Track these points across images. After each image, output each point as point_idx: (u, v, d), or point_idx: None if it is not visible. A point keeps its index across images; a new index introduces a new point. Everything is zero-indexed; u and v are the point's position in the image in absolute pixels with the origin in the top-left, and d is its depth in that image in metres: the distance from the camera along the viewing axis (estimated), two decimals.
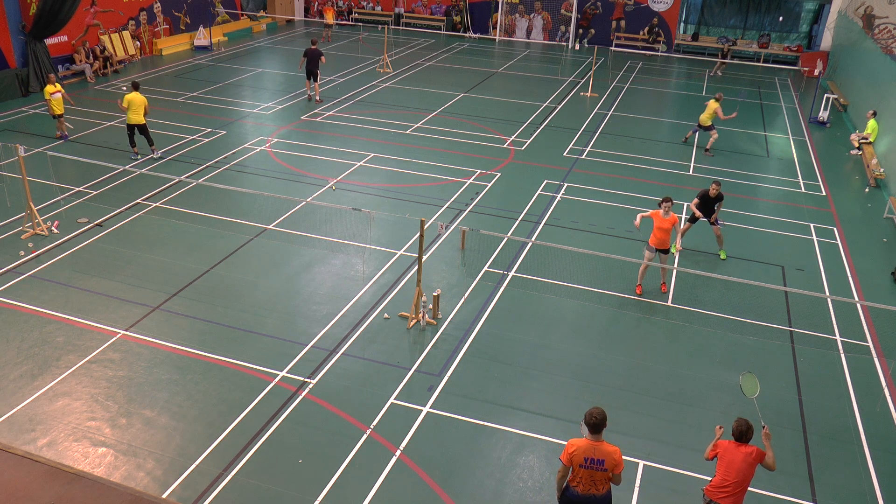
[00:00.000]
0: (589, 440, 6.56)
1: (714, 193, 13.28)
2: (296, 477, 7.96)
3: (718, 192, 13.31)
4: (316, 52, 21.65)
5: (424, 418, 8.95)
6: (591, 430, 6.53)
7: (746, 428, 6.87)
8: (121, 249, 12.61)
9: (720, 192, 13.36)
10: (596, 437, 6.55)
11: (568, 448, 6.60)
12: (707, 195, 13.32)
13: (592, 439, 6.55)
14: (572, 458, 6.56)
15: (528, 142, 19.58)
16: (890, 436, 9.15)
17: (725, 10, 33.15)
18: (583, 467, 6.56)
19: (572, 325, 11.15)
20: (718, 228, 13.40)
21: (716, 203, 13.38)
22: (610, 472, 6.59)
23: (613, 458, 6.55)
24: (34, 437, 8.37)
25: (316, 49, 21.69)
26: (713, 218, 13.40)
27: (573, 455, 6.55)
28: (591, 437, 6.56)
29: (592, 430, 6.53)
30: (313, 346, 10.23)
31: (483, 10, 35.44)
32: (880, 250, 14.24)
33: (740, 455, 6.85)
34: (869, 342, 11.13)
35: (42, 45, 21.71)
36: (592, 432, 6.54)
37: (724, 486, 6.89)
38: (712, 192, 13.26)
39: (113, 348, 9.97)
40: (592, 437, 6.55)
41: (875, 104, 20.39)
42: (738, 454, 6.86)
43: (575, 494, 6.68)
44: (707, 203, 13.38)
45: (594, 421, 6.50)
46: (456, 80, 26.26)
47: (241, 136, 18.79)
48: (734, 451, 6.90)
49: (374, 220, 13.79)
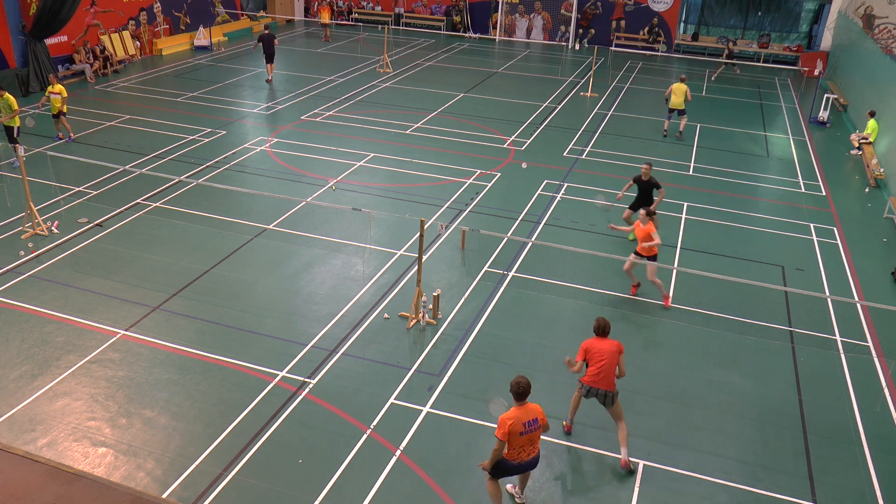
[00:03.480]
0: (517, 408, 6.96)
1: (645, 176, 13.23)
2: (296, 477, 7.96)
3: (650, 175, 13.22)
4: (269, 37, 23.96)
5: (424, 418, 8.95)
6: (519, 398, 6.95)
7: (605, 322, 8.25)
8: (121, 249, 12.61)
9: (653, 178, 13.25)
10: (521, 403, 6.97)
11: (503, 425, 6.85)
12: (640, 178, 13.34)
13: (520, 405, 6.97)
14: (511, 430, 6.83)
15: (528, 142, 19.58)
16: (890, 436, 9.15)
17: (725, 10, 33.15)
18: (523, 434, 6.93)
19: (572, 325, 11.15)
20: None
21: (654, 189, 13.26)
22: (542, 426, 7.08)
23: (540, 411, 7.05)
24: (34, 437, 8.37)
25: (269, 34, 24.02)
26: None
27: (512, 427, 6.82)
28: (518, 405, 6.98)
29: (520, 398, 6.95)
30: (313, 346, 10.23)
31: (483, 10, 35.44)
32: (880, 250, 14.24)
33: (606, 345, 8.17)
34: (869, 342, 11.13)
35: (42, 45, 21.73)
36: (519, 400, 6.96)
37: (599, 372, 8.10)
38: (644, 175, 13.24)
39: (113, 348, 9.97)
40: (519, 403, 6.97)
41: (875, 104, 20.39)
42: (605, 344, 8.17)
43: (516, 464, 7.08)
44: (642, 189, 13.35)
45: (521, 390, 6.93)
46: (456, 80, 26.27)
47: (241, 136, 18.79)
48: (600, 343, 8.19)
49: (374, 220, 13.79)
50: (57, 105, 17.14)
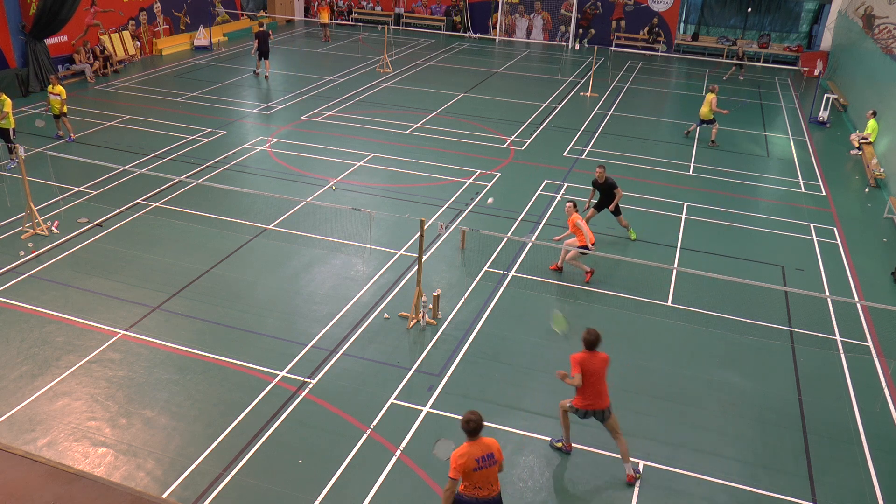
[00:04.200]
0: (469, 443, 6.42)
1: (601, 179, 13.36)
2: (296, 477, 7.96)
3: (605, 177, 13.33)
4: (264, 34, 24.44)
5: (424, 418, 8.95)
6: (471, 435, 6.41)
7: (597, 335, 7.76)
8: (121, 249, 12.61)
9: (609, 179, 13.36)
10: (474, 439, 6.43)
11: (454, 461, 6.32)
12: (596, 182, 13.50)
13: (472, 441, 6.43)
14: (464, 467, 6.33)
15: (528, 142, 19.58)
16: (890, 436, 9.15)
17: (725, 10, 33.16)
18: (477, 470, 6.38)
19: (572, 325, 11.13)
20: (622, 219, 13.68)
21: (612, 190, 13.40)
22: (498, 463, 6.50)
23: (496, 446, 6.50)
24: (34, 437, 8.37)
25: (263, 30, 24.54)
26: (612, 207, 13.47)
27: (465, 464, 6.32)
28: (469, 440, 6.43)
29: (472, 435, 6.41)
30: (313, 346, 10.23)
31: (483, 10, 35.44)
32: (880, 250, 14.24)
33: (598, 361, 7.79)
34: (869, 342, 11.13)
35: (42, 45, 21.72)
36: (472, 438, 6.42)
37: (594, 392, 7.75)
38: (598, 178, 13.38)
39: (113, 348, 9.97)
40: (471, 438, 6.43)
41: (875, 104, 20.39)
42: (597, 360, 7.79)
43: (474, 499, 6.50)
44: (601, 191, 13.51)
45: (472, 427, 6.37)
46: (456, 80, 26.27)
47: (241, 136, 18.80)
48: (593, 358, 7.78)
49: (374, 220, 13.79)
50: (57, 106, 17.14)
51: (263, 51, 24.52)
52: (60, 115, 17.34)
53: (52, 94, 17.07)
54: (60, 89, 17.11)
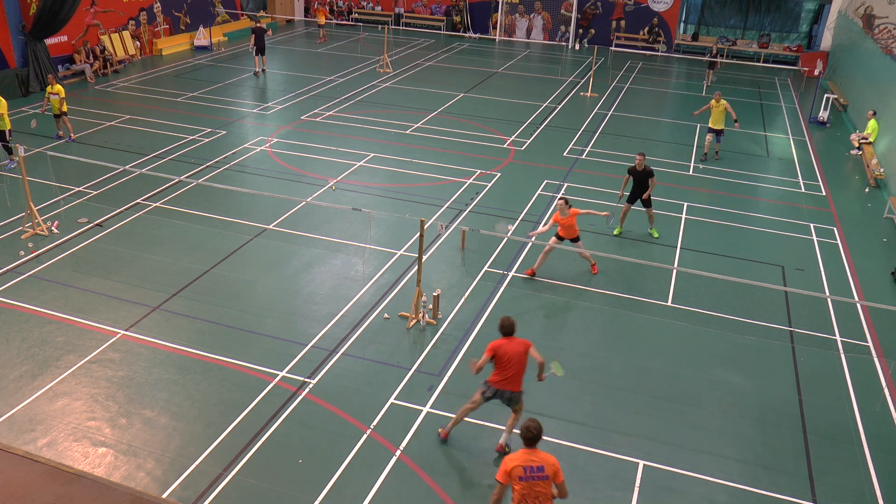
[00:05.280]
0: (525, 450, 6.37)
1: (640, 167, 13.43)
2: (296, 477, 7.96)
3: (644, 164, 13.45)
4: (261, 30, 24.98)
5: (424, 418, 8.95)
6: (528, 443, 6.36)
7: (510, 322, 8.02)
8: (121, 249, 12.61)
9: (648, 167, 13.48)
10: (531, 449, 6.37)
11: (504, 465, 6.32)
12: (634, 169, 13.53)
13: (528, 449, 6.37)
14: (511, 473, 6.28)
15: (528, 142, 19.58)
16: (890, 436, 9.15)
17: (725, 10, 33.15)
18: (523, 479, 6.28)
19: (572, 325, 11.15)
20: (651, 211, 13.81)
21: (648, 179, 13.50)
22: (551, 480, 6.33)
23: (552, 462, 6.34)
24: (34, 437, 8.37)
25: (260, 27, 25.12)
26: (646, 195, 13.57)
27: (512, 470, 6.28)
28: (525, 447, 6.38)
29: (529, 444, 6.36)
30: (313, 346, 10.23)
31: (483, 10, 35.44)
32: (880, 250, 14.24)
33: (515, 345, 7.96)
34: (869, 342, 11.13)
35: (42, 45, 21.73)
36: (528, 446, 6.37)
37: (508, 374, 7.95)
38: (638, 166, 13.44)
39: (113, 348, 9.97)
40: (527, 446, 6.37)
41: (875, 104, 20.39)
42: (513, 345, 7.96)
43: None
44: (636, 179, 13.57)
45: (531, 435, 6.31)
46: (456, 80, 26.26)
47: (241, 136, 18.79)
48: (509, 344, 7.97)
49: (374, 220, 13.79)
50: (56, 106, 17.14)
51: (260, 46, 25.02)
52: (61, 115, 17.34)
53: (52, 94, 17.07)
54: (59, 88, 17.11)
